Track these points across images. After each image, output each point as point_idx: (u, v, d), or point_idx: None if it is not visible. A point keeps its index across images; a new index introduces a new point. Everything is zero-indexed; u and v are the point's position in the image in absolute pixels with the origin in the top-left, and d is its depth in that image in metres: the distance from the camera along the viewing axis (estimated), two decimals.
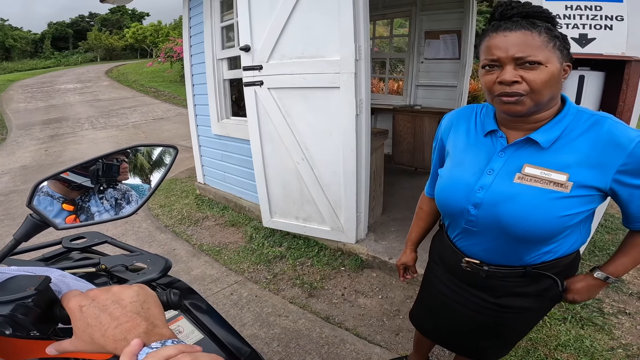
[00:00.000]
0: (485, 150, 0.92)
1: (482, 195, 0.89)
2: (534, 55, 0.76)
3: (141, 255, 0.82)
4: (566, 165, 0.82)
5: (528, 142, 0.85)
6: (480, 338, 1.15)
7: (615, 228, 2.99)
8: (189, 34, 3.59)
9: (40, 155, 6.37)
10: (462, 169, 0.95)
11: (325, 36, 2.17)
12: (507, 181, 0.86)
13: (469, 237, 0.99)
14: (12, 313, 0.43)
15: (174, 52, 13.08)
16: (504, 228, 0.88)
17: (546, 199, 0.82)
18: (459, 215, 0.96)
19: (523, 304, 1.02)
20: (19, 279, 0.48)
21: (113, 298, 0.45)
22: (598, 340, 1.85)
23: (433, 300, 1.24)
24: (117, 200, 0.61)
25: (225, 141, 3.48)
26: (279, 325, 2.07)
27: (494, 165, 0.89)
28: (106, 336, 0.41)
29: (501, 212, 0.87)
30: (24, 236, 0.51)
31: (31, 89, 15.90)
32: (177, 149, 0.59)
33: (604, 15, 1.42)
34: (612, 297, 2.17)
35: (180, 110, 10.23)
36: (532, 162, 0.84)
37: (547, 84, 0.78)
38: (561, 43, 0.79)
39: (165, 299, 0.53)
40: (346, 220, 2.57)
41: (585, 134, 0.82)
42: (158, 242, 3.14)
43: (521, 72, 0.77)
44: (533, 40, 0.77)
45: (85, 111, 10.64)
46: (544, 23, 0.78)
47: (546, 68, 0.77)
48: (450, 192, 0.96)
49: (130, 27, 37.86)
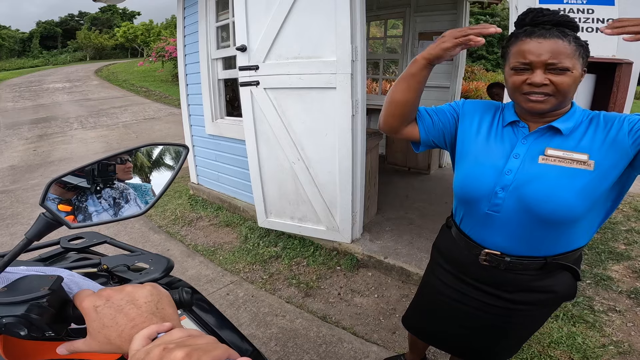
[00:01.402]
0: (509, 138, 0.98)
1: (511, 177, 0.94)
2: (564, 62, 0.85)
3: (142, 255, 0.82)
4: (585, 148, 0.90)
5: (549, 130, 0.93)
6: (487, 340, 1.16)
7: (604, 228, 3.05)
8: (183, 34, 3.56)
9: (28, 155, 6.26)
10: (489, 155, 0.99)
11: (322, 37, 2.17)
12: (533, 163, 0.93)
13: (489, 225, 1.01)
14: (27, 313, 0.43)
15: (165, 52, 12.96)
16: (530, 209, 0.92)
17: (569, 176, 0.89)
18: (484, 200, 0.99)
19: (537, 299, 1.05)
20: (30, 279, 0.48)
21: (127, 298, 0.45)
22: (590, 337, 1.89)
23: (435, 304, 1.25)
24: (116, 199, 0.61)
25: (219, 141, 3.46)
26: (276, 325, 2.07)
27: (518, 150, 0.95)
28: (123, 337, 0.41)
29: (528, 192, 0.92)
30: (36, 235, 0.50)
31: (19, 88, 15.62)
32: (188, 148, 0.59)
33: (596, 18, 1.45)
34: (602, 295, 2.21)
35: (172, 110, 10.14)
36: (554, 147, 0.92)
37: (571, 87, 0.88)
38: (584, 51, 0.88)
39: (177, 297, 0.53)
40: (342, 220, 2.57)
41: (590, 126, 0.92)
42: (152, 242, 3.12)
43: (549, 76, 0.86)
44: (564, 49, 0.85)
45: (75, 110, 10.49)
46: (572, 32, 0.87)
47: (572, 74, 0.86)
48: (477, 177, 0.99)
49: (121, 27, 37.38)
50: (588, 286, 2.30)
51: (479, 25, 0.89)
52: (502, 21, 20.16)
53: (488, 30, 0.88)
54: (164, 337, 0.38)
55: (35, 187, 4.63)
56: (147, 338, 0.39)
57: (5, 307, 0.44)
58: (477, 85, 11.68)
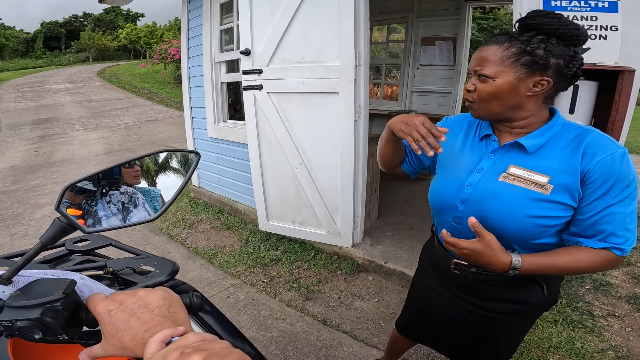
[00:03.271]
0: (479, 151, 0.97)
1: (469, 192, 0.94)
2: (484, 70, 0.85)
3: (147, 258, 0.82)
4: (548, 170, 0.86)
5: (516, 145, 0.90)
6: (474, 345, 1.16)
7: None
8: (187, 36, 3.59)
9: (30, 156, 6.28)
10: (456, 167, 0.99)
11: (326, 42, 2.19)
12: (493, 179, 0.91)
13: (455, 236, 1.00)
14: (42, 317, 0.43)
15: (168, 54, 13.01)
16: (486, 225, 0.90)
17: (525, 198, 0.86)
18: (448, 211, 1.00)
19: (511, 309, 1.03)
20: (43, 282, 0.48)
21: (140, 302, 0.45)
22: (589, 342, 1.89)
23: (424, 307, 1.25)
24: (125, 204, 0.61)
25: (221, 144, 3.47)
26: (276, 328, 2.07)
27: (483, 164, 0.94)
28: (136, 340, 0.42)
29: (484, 209, 0.91)
30: (50, 239, 0.51)
31: (21, 88, 15.68)
32: (200, 154, 0.60)
33: (599, 25, 1.46)
34: (602, 300, 2.22)
35: (174, 112, 10.17)
36: (518, 164, 0.89)
37: (491, 96, 0.86)
38: (533, 58, 0.82)
39: (188, 301, 0.53)
40: (343, 224, 2.58)
41: (569, 144, 0.86)
42: (152, 244, 3.12)
43: (476, 82, 0.88)
44: (493, 55, 0.85)
45: (77, 112, 10.52)
46: (535, 37, 0.82)
47: (493, 82, 0.85)
48: (443, 187, 1.01)
49: (124, 28, 37.58)
50: (587, 291, 2.31)
51: (434, 133, 0.89)
52: (504, 26, 20.26)
53: (434, 144, 0.89)
54: (179, 342, 0.39)
55: (37, 188, 4.63)
56: (161, 342, 0.39)
57: (19, 311, 0.44)
58: None
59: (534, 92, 0.85)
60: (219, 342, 0.38)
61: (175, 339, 0.40)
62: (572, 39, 0.82)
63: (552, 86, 0.85)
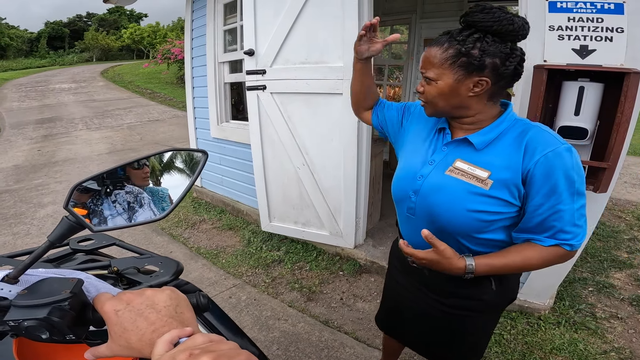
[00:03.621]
0: (434, 144, 0.99)
1: (420, 183, 0.96)
2: (427, 72, 0.87)
3: (151, 257, 0.82)
4: (491, 165, 0.87)
5: (466, 141, 0.91)
6: (442, 345, 1.15)
7: (606, 236, 3.05)
8: (190, 37, 3.59)
9: (33, 155, 6.30)
10: (414, 157, 1.01)
11: (329, 42, 2.18)
12: (440, 173, 0.93)
13: (411, 227, 1.03)
14: (49, 316, 0.43)
15: (171, 54, 13.05)
16: (433, 217, 0.94)
17: (466, 192, 0.87)
18: (404, 201, 1.02)
19: (468, 305, 1.04)
20: (51, 281, 0.48)
21: (147, 302, 0.45)
22: (591, 344, 1.90)
23: (396, 303, 1.26)
24: (130, 203, 0.61)
25: (223, 144, 3.47)
26: (278, 329, 2.06)
27: (435, 157, 0.96)
28: (143, 340, 0.42)
29: (431, 201, 0.93)
30: (58, 238, 0.51)
31: (25, 88, 15.75)
32: (207, 153, 0.60)
33: (605, 27, 1.45)
34: (604, 302, 2.22)
35: (176, 113, 10.19)
36: (465, 159, 0.90)
37: (437, 97, 0.88)
38: (469, 59, 0.81)
39: (195, 301, 0.53)
40: (345, 225, 2.57)
41: (514, 141, 0.86)
42: (154, 244, 3.12)
43: (424, 84, 0.90)
44: (434, 58, 0.86)
45: (80, 111, 10.56)
46: (471, 36, 0.81)
47: (436, 84, 0.86)
48: (400, 177, 1.03)
49: (128, 28, 37.72)
50: (590, 293, 2.30)
51: None
52: None
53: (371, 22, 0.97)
54: (187, 343, 0.39)
55: (39, 187, 4.65)
56: (169, 343, 0.39)
57: (26, 310, 0.44)
58: None
59: (475, 92, 0.85)
60: (226, 343, 0.38)
61: (183, 339, 0.40)
62: (507, 35, 0.80)
63: (492, 85, 0.84)
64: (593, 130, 1.55)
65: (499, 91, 0.88)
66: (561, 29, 1.51)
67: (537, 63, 1.57)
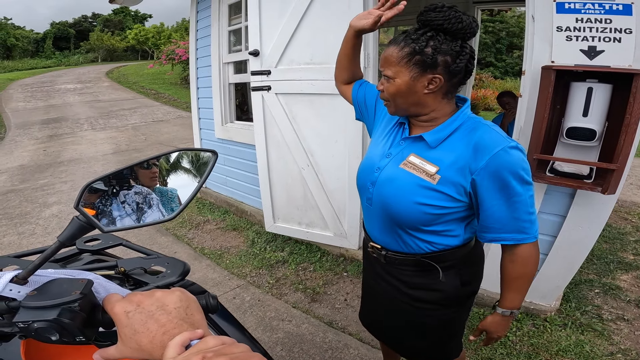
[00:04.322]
0: (393, 137, 1.02)
1: (377, 175, 0.99)
2: (386, 71, 0.90)
3: (158, 258, 0.81)
4: (441, 162, 0.90)
5: (421, 139, 0.95)
6: (409, 334, 1.15)
7: (612, 237, 3.03)
8: (195, 37, 3.60)
9: (38, 155, 6.34)
10: (375, 149, 1.05)
11: (335, 43, 2.16)
12: (395, 166, 0.96)
13: (370, 217, 1.07)
14: (59, 318, 0.42)
15: (175, 55, 13.10)
16: (386, 208, 0.97)
17: (415, 185, 0.91)
18: (363, 192, 1.06)
19: (431, 298, 1.05)
20: (60, 282, 0.47)
21: (158, 304, 0.44)
22: (598, 346, 1.89)
23: (370, 297, 1.25)
24: (139, 204, 0.61)
25: (228, 145, 3.48)
26: (282, 330, 2.06)
27: (393, 150, 1.00)
28: (154, 343, 0.41)
29: (384, 192, 0.97)
30: (69, 238, 0.50)
31: (31, 88, 15.86)
32: (217, 153, 0.59)
33: (614, 28, 1.43)
34: (611, 304, 2.21)
35: (180, 113, 10.22)
36: (418, 154, 0.94)
37: (396, 95, 0.91)
38: (422, 57, 0.84)
39: (204, 303, 0.52)
40: (350, 226, 2.56)
41: (464, 138, 0.89)
42: (159, 244, 3.13)
43: (384, 82, 0.92)
44: (391, 56, 0.88)
45: (85, 112, 10.62)
46: (425, 35, 0.84)
47: (394, 82, 0.89)
48: (362, 168, 1.07)
49: (133, 29, 37.91)
50: (596, 295, 2.29)
51: None
52: (511, 28, 20.15)
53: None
54: (199, 345, 0.38)
55: (45, 187, 4.67)
56: (181, 345, 0.39)
57: (36, 311, 0.43)
58: (485, 92, 11.65)
59: (430, 89, 0.88)
60: (238, 346, 0.38)
61: (194, 342, 0.39)
62: (457, 33, 0.83)
63: (446, 82, 0.87)
64: (601, 131, 1.54)
65: (453, 89, 0.91)
66: (569, 29, 1.49)
67: (545, 64, 1.56)
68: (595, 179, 1.62)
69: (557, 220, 1.84)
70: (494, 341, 1.06)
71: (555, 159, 1.67)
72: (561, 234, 1.84)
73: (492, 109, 10.66)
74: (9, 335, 0.50)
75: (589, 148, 1.59)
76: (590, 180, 1.62)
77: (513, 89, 9.54)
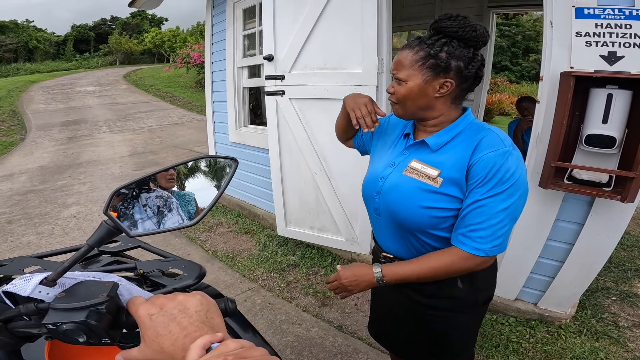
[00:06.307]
0: (398, 148, 1.04)
1: (381, 184, 1.01)
2: (398, 73, 0.92)
3: (175, 261, 0.83)
4: (443, 165, 0.92)
5: (423, 143, 0.97)
6: (422, 343, 1.14)
7: (630, 245, 2.95)
8: (210, 41, 3.66)
9: (58, 157, 6.51)
10: (379, 161, 1.07)
11: (348, 48, 2.19)
12: (398, 173, 0.98)
13: (379, 228, 1.08)
14: (87, 320, 0.44)
15: (190, 58, 13.32)
16: (393, 215, 0.99)
17: (419, 189, 0.93)
18: (370, 203, 1.07)
19: (445, 305, 1.04)
20: (87, 284, 0.49)
21: (180, 307, 0.45)
22: (613, 353, 1.85)
23: (382, 307, 1.25)
24: (160, 207, 0.62)
25: (241, 149, 3.51)
26: (292, 333, 2.07)
27: (396, 160, 1.02)
28: (176, 345, 0.42)
29: (390, 199, 0.99)
30: (97, 242, 0.52)
31: (51, 90, 16.30)
32: (237, 161, 0.61)
33: (634, 33, 1.40)
34: (627, 312, 2.17)
35: (194, 117, 10.38)
36: (421, 160, 0.96)
37: (406, 97, 0.92)
38: (436, 61, 0.87)
39: (223, 307, 0.54)
40: (361, 231, 2.56)
41: (466, 142, 0.91)
42: (172, 246, 3.17)
43: (394, 85, 0.94)
44: (405, 60, 0.90)
45: (103, 114, 10.87)
46: (439, 40, 0.87)
47: (406, 85, 0.91)
48: (366, 180, 1.09)
49: (149, 32, 38.67)
50: (613, 302, 2.25)
51: (372, 117, 1.03)
52: (527, 32, 19.86)
53: (369, 124, 1.03)
54: (220, 348, 0.39)
55: (64, 187, 4.79)
56: (202, 348, 0.40)
57: (64, 313, 0.45)
58: (500, 97, 11.47)
59: (441, 93, 0.90)
60: (257, 349, 0.39)
61: (215, 345, 0.40)
62: (470, 40, 0.87)
63: (456, 87, 0.90)
64: (621, 138, 1.50)
65: (462, 94, 0.94)
66: (588, 35, 1.47)
67: (564, 70, 1.53)
68: (614, 187, 1.58)
69: (575, 228, 1.80)
70: (341, 292, 1.04)
71: (573, 167, 1.63)
72: (578, 242, 1.80)
73: (507, 113, 10.50)
74: (35, 336, 0.52)
75: (608, 155, 1.56)
76: (610, 188, 1.59)
77: (529, 93, 9.38)
